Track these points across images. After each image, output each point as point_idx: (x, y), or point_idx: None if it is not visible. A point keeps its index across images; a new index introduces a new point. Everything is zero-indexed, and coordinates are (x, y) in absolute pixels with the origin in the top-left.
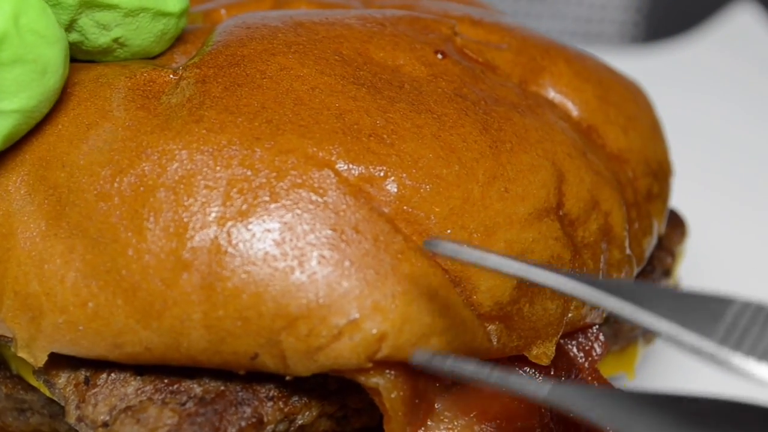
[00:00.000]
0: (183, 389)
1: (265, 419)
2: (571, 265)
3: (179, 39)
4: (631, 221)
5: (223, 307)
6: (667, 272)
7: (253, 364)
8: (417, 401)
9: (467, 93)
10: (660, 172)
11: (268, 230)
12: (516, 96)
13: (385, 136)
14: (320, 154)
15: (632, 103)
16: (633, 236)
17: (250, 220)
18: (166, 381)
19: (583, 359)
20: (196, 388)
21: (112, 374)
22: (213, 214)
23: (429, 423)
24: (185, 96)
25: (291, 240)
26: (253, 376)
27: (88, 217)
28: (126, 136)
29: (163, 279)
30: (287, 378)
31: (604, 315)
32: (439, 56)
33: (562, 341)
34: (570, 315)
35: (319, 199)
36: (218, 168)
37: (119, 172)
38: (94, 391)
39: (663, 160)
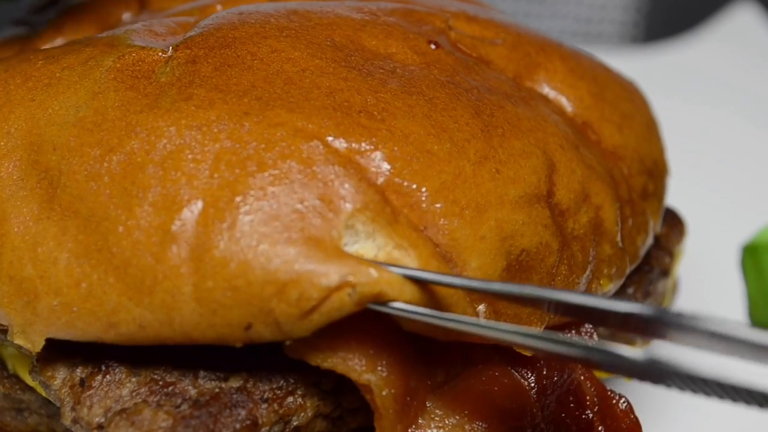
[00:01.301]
0: (178, 391)
1: (260, 421)
2: (559, 255)
3: (170, 24)
4: (625, 218)
5: (212, 278)
6: (665, 272)
7: (249, 335)
8: (408, 399)
9: (460, 81)
10: (656, 171)
11: (256, 200)
12: (509, 88)
13: (375, 113)
14: (309, 126)
15: (628, 102)
16: (626, 233)
17: (237, 190)
18: (161, 383)
19: None
20: (191, 390)
21: (108, 376)
22: (200, 187)
23: (420, 421)
24: (174, 75)
25: (278, 209)
26: (249, 376)
27: (79, 197)
28: (115, 116)
29: (153, 253)
30: (286, 343)
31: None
32: (432, 47)
33: None
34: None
35: (308, 169)
36: (206, 142)
37: (109, 151)
38: (89, 392)
39: (659, 158)
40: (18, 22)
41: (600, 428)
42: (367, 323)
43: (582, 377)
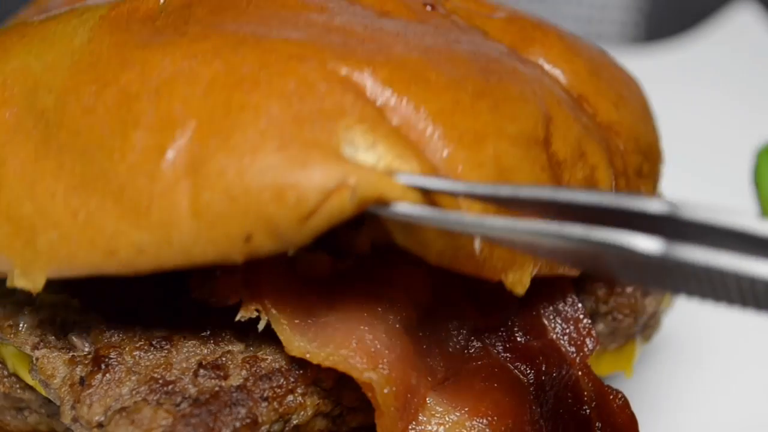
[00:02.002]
0: (178, 390)
1: (260, 419)
2: None
3: None
4: (620, 188)
5: (209, 190)
6: None
7: (250, 248)
8: (409, 396)
9: (456, 37)
10: (650, 154)
11: (252, 114)
12: (505, 52)
13: (372, 45)
14: (306, 52)
15: (624, 85)
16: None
17: (233, 107)
18: (161, 381)
19: (575, 354)
20: (191, 389)
21: (107, 375)
22: (195, 107)
23: (421, 418)
24: (169, 19)
25: (275, 120)
26: (249, 374)
27: (75, 132)
28: (110, 55)
29: (148, 174)
30: (289, 254)
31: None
32: (428, 8)
33: (553, 336)
34: None
35: (304, 86)
36: (200, 69)
37: (104, 86)
38: (89, 391)
39: (654, 144)
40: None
41: (597, 423)
42: (367, 323)
43: (580, 373)
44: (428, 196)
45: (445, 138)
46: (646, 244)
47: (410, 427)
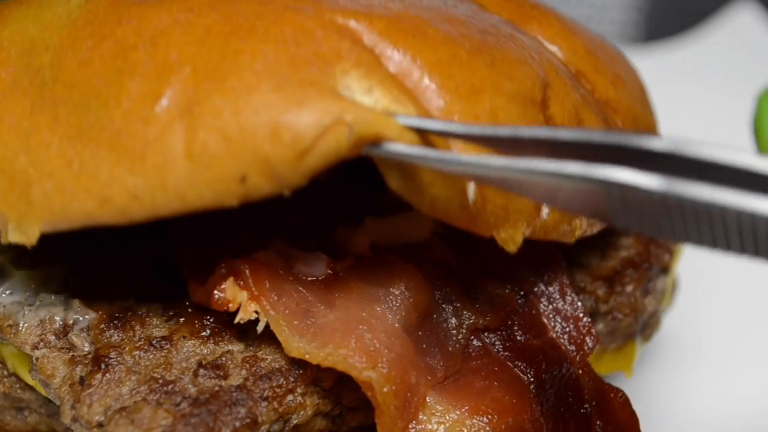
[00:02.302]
0: (177, 389)
1: (260, 419)
2: None
3: None
4: None
5: (203, 130)
6: (665, 269)
7: (246, 189)
8: (409, 395)
9: (453, 3)
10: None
11: (248, 58)
12: (502, 21)
13: (369, 0)
14: (302, 4)
15: (622, 67)
16: None
17: (228, 52)
18: (160, 381)
19: (575, 352)
20: (191, 389)
21: (107, 374)
22: (190, 54)
23: (421, 417)
24: None
25: (271, 63)
26: (249, 374)
27: (71, 85)
28: (107, 12)
29: (143, 118)
30: (285, 194)
31: (580, 231)
32: None
33: (553, 335)
34: (544, 217)
35: (301, 33)
36: (197, 19)
37: (100, 40)
38: (89, 391)
39: (652, 126)
40: None
41: (598, 422)
42: (366, 322)
43: (580, 371)
44: (425, 138)
45: (441, 89)
46: (648, 180)
47: (410, 426)
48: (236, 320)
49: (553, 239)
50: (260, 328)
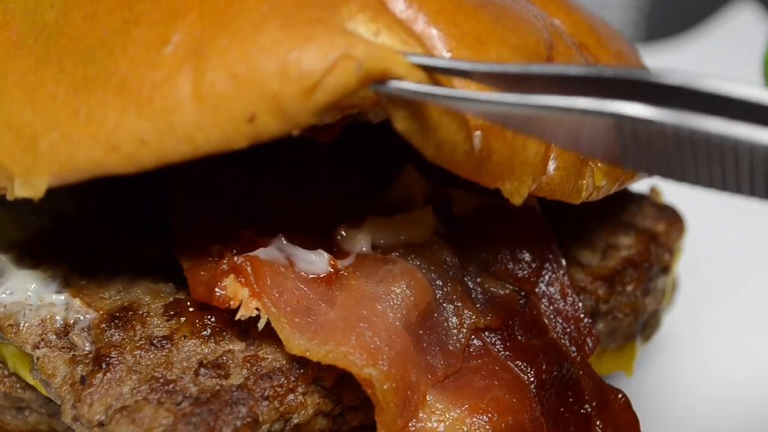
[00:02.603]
0: (178, 389)
1: (261, 419)
2: None
3: None
4: None
5: (211, 70)
6: (666, 269)
7: (254, 129)
8: (409, 393)
9: None
10: None
11: (254, 2)
12: None
13: None
14: None
15: (625, 44)
16: None
17: None
18: (161, 381)
19: (575, 353)
20: (192, 388)
21: (108, 374)
22: (197, 1)
23: (421, 415)
24: None
25: (275, 4)
26: (250, 374)
27: (76, 38)
28: None
29: (149, 63)
30: (294, 133)
31: (586, 193)
32: None
33: (554, 335)
34: (551, 173)
35: None
36: None
37: None
38: (89, 390)
39: None
40: None
41: (598, 423)
42: (367, 320)
43: (581, 372)
44: (433, 78)
45: (447, 36)
46: (660, 114)
47: (410, 423)
48: (237, 317)
49: (558, 198)
50: (261, 325)
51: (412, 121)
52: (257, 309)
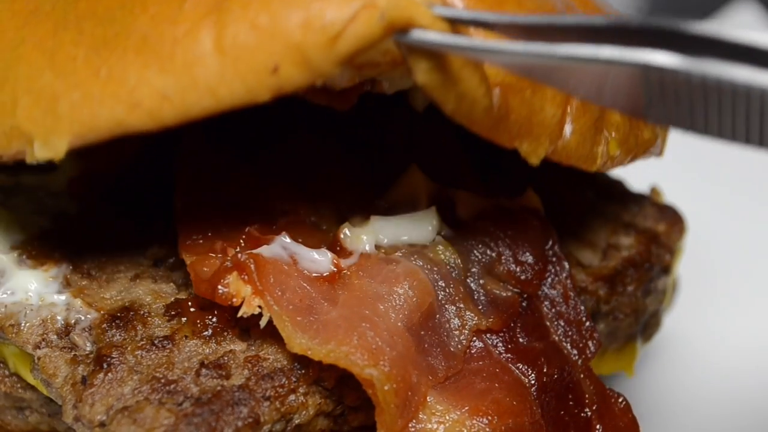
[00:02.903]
0: (180, 389)
1: (262, 419)
2: (566, 103)
3: None
4: None
5: (233, 23)
6: (666, 269)
7: (278, 81)
8: (410, 394)
9: None
10: None
11: None
12: None
13: None
14: None
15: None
16: (633, 119)
17: None
18: (162, 381)
19: (577, 356)
20: (193, 388)
21: (109, 374)
22: None
23: (421, 416)
24: None
25: None
26: (252, 374)
27: (95, 1)
28: None
29: (170, 19)
30: (317, 84)
31: (601, 160)
32: None
33: (555, 338)
34: (567, 137)
35: None
36: None
37: None
38: (91, 390)
39: None
40: None
41: (598, 426)
42: (369, 320)
43: (581, 376)
44: (456, 29)
45: None
46: (688, 62)
47: (410, 425)
48: (239, 314)
49: (573, 164)
50: (263, 322)
51: (433, 74)
52: (259, 307)
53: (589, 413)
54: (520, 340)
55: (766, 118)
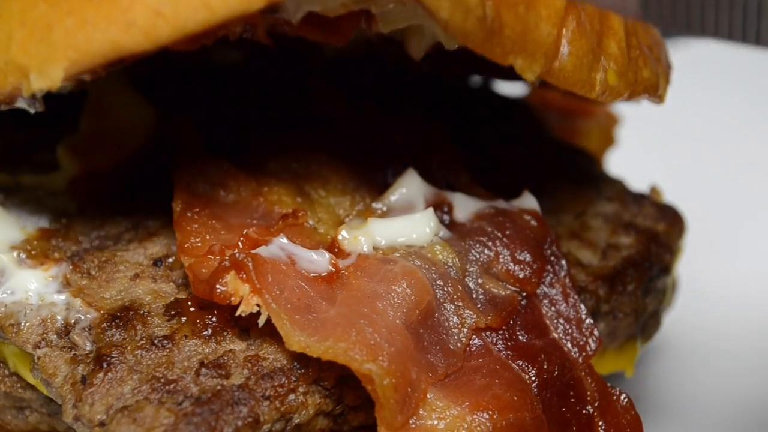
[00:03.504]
0: (180, 389)
1: (262, 419)
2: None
3: None
4: (630, 45)
5: None
6: (666, 269)
7: None
8: (410, 390)
9: None
10: (662, 44)
11: None
12: None
13: None
14: None
15: None
16: (633, 56)
17: None
18: (162, 381)
19: (577, 354)
20: (193, 388)
21: (109, 374)
22: None
23: (421, 412)
24: None
25: None
26: (252, 373)
27: None
28: None
29: None
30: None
31: (599, 88)
32: None
33: (555, 336)
34: (564, 57)
35: None
36: None
37: None
38: (90, 390)
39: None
40: None
41: (600, 423)
42: (368, 317)
43: (582, 373)
44: None
45: None
46: None
47: (410, 421)
48: (237, 312)
49: (571, 89)
50: (262, 321)
51: None
52: (258, 305)
53: (591, 410)
54: (520, 337)
55: (764, 16)
